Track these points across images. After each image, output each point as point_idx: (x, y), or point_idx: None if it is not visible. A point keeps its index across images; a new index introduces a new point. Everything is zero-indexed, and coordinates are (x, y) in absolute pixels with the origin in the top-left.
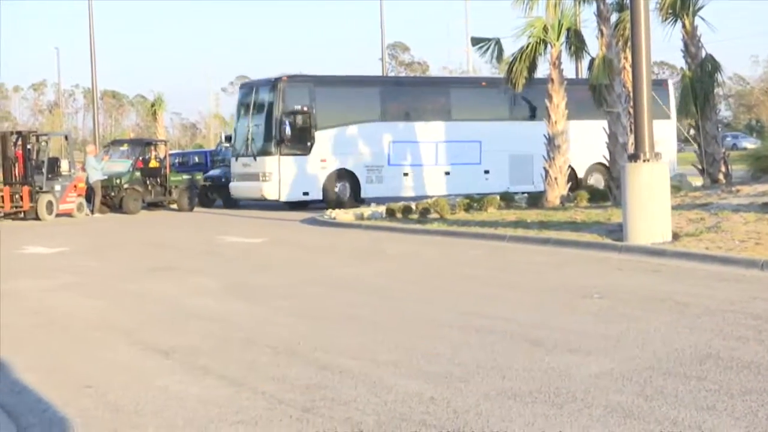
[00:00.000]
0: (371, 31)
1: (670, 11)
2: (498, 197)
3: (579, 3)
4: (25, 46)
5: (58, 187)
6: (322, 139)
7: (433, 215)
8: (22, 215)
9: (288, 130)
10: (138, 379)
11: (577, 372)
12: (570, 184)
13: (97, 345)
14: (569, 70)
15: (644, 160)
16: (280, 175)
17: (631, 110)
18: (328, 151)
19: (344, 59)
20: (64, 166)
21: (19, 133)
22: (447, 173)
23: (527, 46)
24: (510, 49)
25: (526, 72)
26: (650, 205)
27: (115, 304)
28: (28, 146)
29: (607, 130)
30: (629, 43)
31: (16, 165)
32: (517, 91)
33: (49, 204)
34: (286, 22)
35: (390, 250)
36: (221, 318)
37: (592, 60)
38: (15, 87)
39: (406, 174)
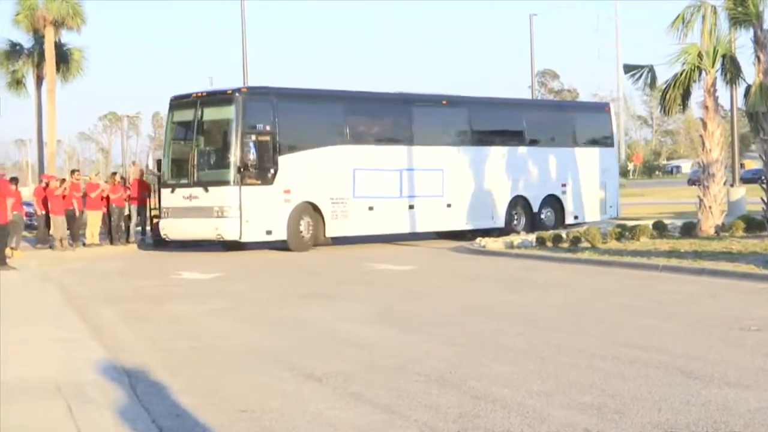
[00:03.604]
0: (523, 58)
1: None
2: (650, 226)
3: (735, 29)
4: (177, 77)
5: None
6: (287, 165)
7: (584, 244)
8: None
9: (251, 154)
10: (292, 403)
11: (736, 406)
12: (524, 219)
13: (251, 369)
14: (723, 97)
15: None
16: (241, 210)
17: None
18: (293, 181)
19: (497, 86)
20: None
21: None
22: (411, 207)
23: (681, 73)
24: (662, 75)
25: (680, 99)
26: None
27: (267, 329)
28: None
29: (764, 158)
30: None
31: None
32: (668, 117)
33: None
34: (443, 48)
35: (540, 279)
36: (372, 344)
37: (749, 87)
38: None
39: (371, 208)
